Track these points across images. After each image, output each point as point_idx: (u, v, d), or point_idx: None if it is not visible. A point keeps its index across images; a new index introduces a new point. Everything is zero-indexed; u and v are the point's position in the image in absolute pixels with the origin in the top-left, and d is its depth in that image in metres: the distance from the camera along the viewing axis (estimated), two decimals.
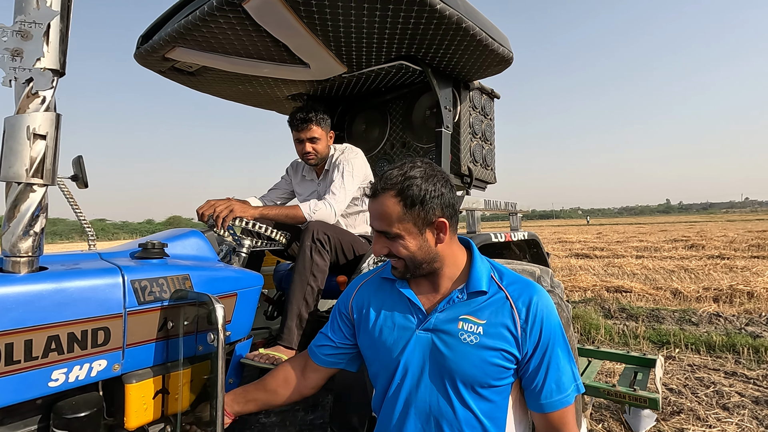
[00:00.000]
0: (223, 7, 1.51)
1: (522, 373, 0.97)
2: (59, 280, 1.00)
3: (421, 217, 0.98)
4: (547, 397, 0.94)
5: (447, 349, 0.96)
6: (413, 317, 1.02)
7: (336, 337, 1.17)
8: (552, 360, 0.95)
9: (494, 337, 0.95)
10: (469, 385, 0.94)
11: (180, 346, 1.17)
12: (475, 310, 0.98)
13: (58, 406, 1.02)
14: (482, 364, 0.94)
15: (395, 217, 0.97)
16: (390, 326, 1.04)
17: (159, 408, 1.17)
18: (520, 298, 0.98)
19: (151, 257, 1.26)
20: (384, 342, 1.04)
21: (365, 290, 1.15)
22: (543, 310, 0.97)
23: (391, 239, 0.98)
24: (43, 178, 0.98)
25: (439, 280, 1.03)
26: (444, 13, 1.61)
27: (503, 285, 1.01)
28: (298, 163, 2.25)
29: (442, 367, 0.96)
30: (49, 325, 0.96)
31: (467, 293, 1.00)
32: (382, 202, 0.98)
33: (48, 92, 0.99)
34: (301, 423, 1.48)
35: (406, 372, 0.99)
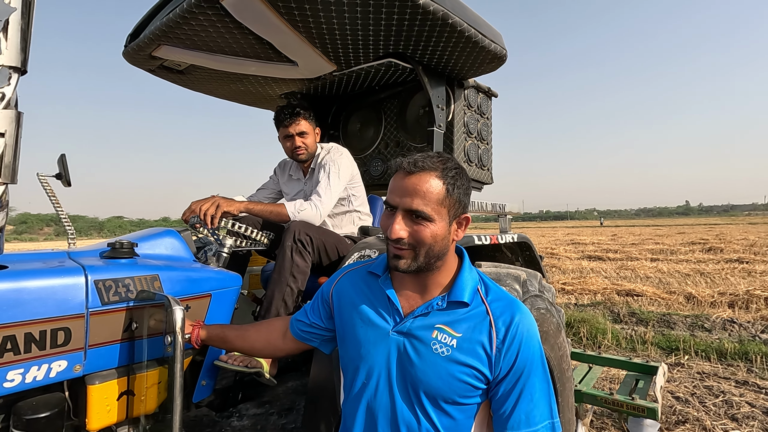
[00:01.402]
0: (201, 4, 1.49)
1: (491, 395, 0.92)
2: (17, 280, 0.99)
3: (455, 207, 0.94)
4: (514, 427, 0.87)
5: (416, 356, 0.92)
6: (390, 318, 0.98)
7: (313, 317, 1.16)
8: (525, 388, 0.89)
9: (467, 353, 0.90)
10: (432, 397, 0.90)
11: (145, 348, 1.15)
12: (452, 321, 0.93)
13: (18, 407, 1.02)
14: (449, 379, 0.89)
15: (436, 197, 0.91)
16: (364, 322, 1.00)
17: (123, 409, 1.15)
18: (502, 317, 0.92)
19: (120, 257, 1.24)
20: (355, 336, 1.00)
21: (349, 279, 1.11)
22: (523, 333, 0.91)
23: (418, 221, 0.91)
24: (2, 177, 0.97)
25: (427, 284, 0.98)
26: (428, 8, 1.57)
27: (487, 300, 0.96)
28: (285, 163, 2.23)
29: (408, 374, 0.92)
30: (4, 325, 0.95)
31: (447, 302, 0.95)
32: (425, 180, 0.91)
33: (7, 89, 0.98)
34: (273, 427, 1.45)
35: (371, 371, 0.96)
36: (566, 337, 1.88)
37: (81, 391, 1.13)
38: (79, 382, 1.12)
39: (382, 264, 1.05)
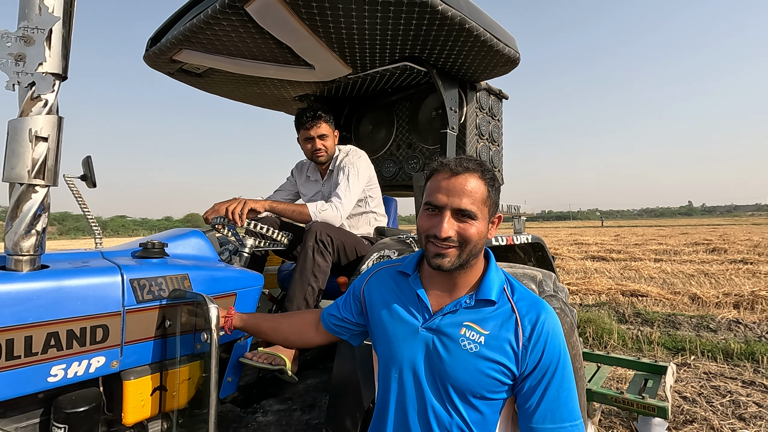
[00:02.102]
0: (225, 10, 1.53)
1: (517, 390, 0.95)
2: (60, 279, 1.03)
3: (493, 206, 1.00)
4: (539, 422, 0.91)
5: (445, 353, 0.95)
6: (419, 315, 1.02)
7: (344, 312, 1.20)
8: (550, 385, 0.92)
9: (494, 350, 0.93)
10: (461, 392, 0.93)
11: (177, 345, 1.19)
12: (480, 319, 0.97)
13: (58, 401, 1.05)
14: (477, 374, 0.92)
15: (481, 197, 0.96)
16: (394, 318, 1.04)
17: (156, 404, 1.19)
18: (528, 315, 0.96)
19: (151, 257, 1.28)
20: (386, 332, 1.04)
21: (380, 277, 1.15)
22: (549, 331, 0.95)
23: (465, 221, 0.95)
24: (45, 179, 1.01)
25: (457, 282, 1.02)
26: (446, 14, 1.60)
27: (513, 299, 0.99)
28: (302, 164, 2.27)
29: (438, 369, 0.96)
30: (48, 322, 0.99)
31: (475, 300, 0.99)
32: (469, 180, 0.96)
33: (50, 95, 1.02)
34: (297, 423, 1.49)
35: (401, 367, 0.99)
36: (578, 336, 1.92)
37: (115, 387, 1.17)
38: (113, 377, 1.16)
39: (412, 263, 1.09)
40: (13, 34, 0.99)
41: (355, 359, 1.34)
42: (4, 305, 0.93)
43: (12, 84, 0.99)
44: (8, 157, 0.98)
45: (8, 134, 0.99)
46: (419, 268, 1.09)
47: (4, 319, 0.93)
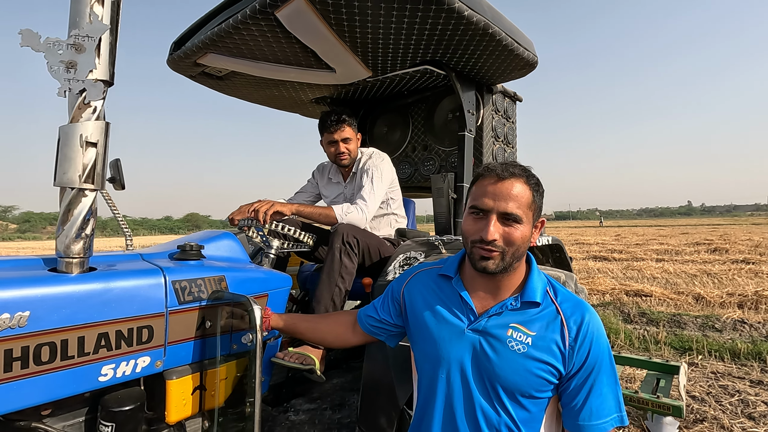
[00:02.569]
0: (256, 16, 1.55)
1: (563, 389, 0.98)
2: (108, 281, 1.06)
3: (537, 211, 1.02)
4: (585, 419, 0.94)
5: (493, 353, 0.98)
6: (464, 317, 1.04)
7: (382, 313, 1.22)
8: (596, 383, 0.95)
9: (542, 350, 0.96)
10: (510, 391, 0.96)
11: (218, 345, 1.22)
12: (526, 321, 0.99)
13: (104, 400, 1.08)
14: (526, 374, 0.95)
15: (525, 201, 0.98)
16: (439, 320, 1.06)
17: (197, 403, 1.22)
18: (573, 317, 0.99)
19: (189, 258, 1.31)
20: (430, 333, 1.06)
21: (420, 280, 1.17)
22: (594, 332, 0.97)
23: (510, 224, 0.97)
24: (94, 184, 1.04)
25: (500, 285, 1.04)
26: (471, 19, 1.63)
27: (557, 301, 1.02)
28: (324, 166, 2.30)
29: (485, 369, 0.98)
30: (99, 323, 1.02)
31: (521, 302, 1.01)
32: (515, 184, 0.98)
33: (99, 102, 1.05)
34: (329, 422, 1.52)
35: (449, 367, 1.02)
36: None
37: (157, 386, 1.19)
38: (154, 377, 1.19)
39: (453, 266, 1.11)
40: (65, 42, 1.01)
41: (387, 360, 1.36)
42: (59, 307, 0.96)
43: (63, 90, 1.02)
44: (60, 161, 1.01)
45: (59, 140, 1.02)
46: (460, 270, 1.11)
47: (60, 320, 0.95)
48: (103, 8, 1.04)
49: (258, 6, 1.51)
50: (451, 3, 1.51)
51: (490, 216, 0.98)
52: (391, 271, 1.60)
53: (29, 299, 0.92)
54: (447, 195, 2.12)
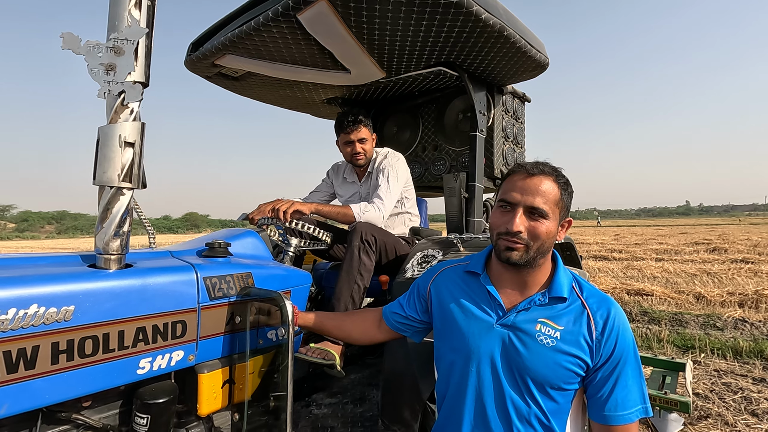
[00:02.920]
0: (278, 18, 1.58)
1: (589, 381, 1.02)
2: (144, 277, 1.09)
3: (564, 208, 1.06)
4: (611, 410, 0.97)
5: (523, 347, 1.01)
6: (492, 312, 1.08)
7: (408, 310, 1.26)
8: (621, 375, 0.99)
9: (570, 344, 1.00)
10: (539, 383, 1.00)
11: (247, 339, 1.25)
12: (554, 316, 1.03)
13: (140, 392, 1.11)
14: (555, 367, 0.99)
15: (553, 198, 1.03)
16: (468, 315, 1.10)
17: (226, 397, 1.25)
18: (599, 311, 1.03)
19: (217, 255, 1.34)
20: (458, 328, 1.10)
21: (446, 276, 1.21)
22: (620, 326, 1.01)
23: (536, 219, 1.01)
24: (132, 182, 1.07)
25: (527, 281, 1.08)
26: (488, 22, 1.66)
27: (583, 297, 1.06)
28: (339, 166, 2.33)
29: (516, 363, 1.02)
30: (137, 318, 1.05)
31: (548, 297, 1.05)
32: (544, 182, 1.03)
33: (136, 103, 1.08)
34: (352, 415, 1.55)
35: (479, 361, 1.05)
36: None
37: (188, 379, 1.23)
38: (185, 371, 1.22)
39: (480, 263, 1.15)
40: (105, 45, 1.04)
41: (408, 355, 1.40)
42: (101, 301, 0.99)
43: (103, 92, 1.05)
44: (100, 161, 1.04)
45: (99, 140, 1.05)
46: (487, 267, 1.15)
47: (102, 314, 0.99)
48: (141, 12, 1.07)
49: (281, 9, 1.54)
50: (470, 6, 1.54)
51: (517, 209, 1.02)
52: (409, 268, 1.63)
53: (74, 294, 0.95)
54: (459, 194, 2.15)
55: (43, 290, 0.91)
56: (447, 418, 1.10)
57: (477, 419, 1.04)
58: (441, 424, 1.13)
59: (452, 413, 1.08)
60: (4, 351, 0.85)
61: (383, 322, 1.29)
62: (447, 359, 1.13)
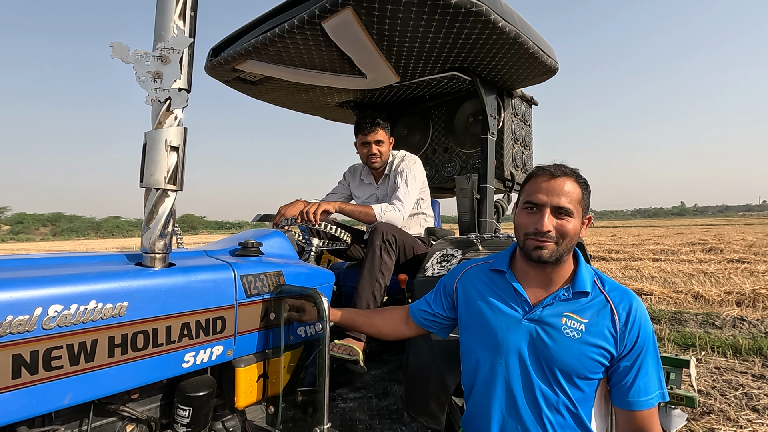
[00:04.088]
0: (303, 25, 1.64)
1: (613, 370, 1.08)
2: (187, 275, 1.14)
3: (585, 207, 1.13)
4: (635, 396, 1.04)
5: (550, 340, 1.07)
6: (519, 307, 1.14)
7: (435, 307, 1.32)
8: (643, 363, 1.05)
9: (595, 335, 1.06)
10: (567, 374, 1.05)
11: (281, 335, 1.30)
12: (578, 309, 1.09)
13: (182, 385, 1.16)
14: (582, 357, 1.05)
15: (576, 197, 1.09)
16: (495, 311, 1.16)
17: (261, 390, 1.30)
18: (621, 304, 1.09)
19: (250, 255, 1.39)
20: (487, 323, 1.15)
21: (472, 274, 1.27)
22: (641, 317, 1.08)
23: (562, 218, 1.07)
24: (176, 185, 1.12)
25: (552, 277, 1.14)
26: (504, 29, 1.72)
27: (605, 290, 1.12)
28: (355, 168, 2.39)
29: (544, 355, 1.07)
30: (182, 314, 1.10)
31: (573, 292, 1.11)
32: (567, 182, 1.09)
33: (180, 109, 1.13)
34: (378, 408, 1.60)
35: (507, 354, 1.11)
36: None
37: (225, 373, 1.28)
38: (223, 365, 1.27)
39: (505, 261, 1.21)
40: (152, 54, 1.09)
41: (432, 350, 1.45)
42: (150, 298, 1.04)
43: (150, 99, 1.10)
44: (147, 164, 1.09)
45: (146, 144, 1.10)
46: (512, 265, 1.21)
47: (152, 310, 1.04)
48: (185, 23, 1.12)
49: (306, 17, 1.59)
50: (488, 14, 1.61)
51: (544, 210, 1.08)
52: (429, 267, 1.69)
53: (127, 291, 1.00)
54: (471, 195, 2.21)
55: (101, 287, 0.96)
56: (477, 410, 1.16)
57: (508, 409, 1.09)
58: (471, 416, 1.18)
59: (482, 404, 1.14)
60: (67, 344, 0.90)
61: (410, 318, 1.35)
62: (474, 353, 1.18)
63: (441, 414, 1.37)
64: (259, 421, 1.35)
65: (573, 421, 1.06)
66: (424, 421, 1.41)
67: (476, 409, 1.16)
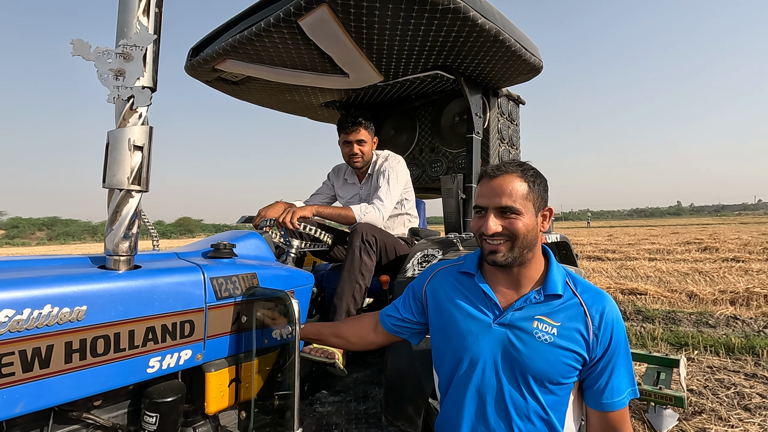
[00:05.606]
0: (279, 24, 1.62)
1: (587, 373, 1.06)
2: (153, 277, 1.11)
3: (538, 200, 1.08)
4: (608, 397, 1.02)
5: (521, 345, 1.04)
6: (488, 312, 1.11)
7: (404, 312, 1.28)
8: (616, 365, 1.03)
9: (567, 339, 1.03)
10: (539, 379, 1.03)
11: (253, 339, 1.27)
12: (550, 312, 1.07)
13: (148, 391, 1.13)
14: (554, 362, 1.02)
15: (521, 194, 1.05)
16: (464, 316, 1.13)
17: (233, 395, 1.27)
18: (594, 306, 1.06)
19: (223, 257, 1.36)
20: (456, 329, 1.12)
21: (441, 277, 1.24)
22: (614, 319, 1.06)
23: (509, 217, 1.05)
24: (140, 185, 1.09)
25: (520, 279, 1.11)
26: (484, 27, 1.70)
27: (578, 292, 1.09)
28: (339, 168, 2.37)
29: (515, 360, 1.05)
30: (147, 317, 1.07)
31: (544, 295, 1.08)
32: (508, 180, 1.06)
33: (145, 108, 1.10)
34: (356, 412, 1.58)
35: (477, 360, 1.08)
36: None
37: (195, 378, 1.25)
38: (192, 370, 1.24)
39: (473, 263, 1.18)
40: (114, 51, 1.07)
41: (411, 353, 1.43)
42: (111, 302, 1.01)
43: (113, 97, 1.07)
44: (110, 164, 1.06)
45: (108, 144, 1.07)
46: (481, 267, 1.18)
47: (113, 314, 1.00)
48: (149, 19, 1.10)
49: (282, 14, 1.57)
50: (467, 11, 1.59)
51: (488, 212, 1.06)
52: (410, 268, 1.66)
53: (86, 294, 0.97)
54: (456, 195, 2.19)
55: (57, 291, 0.93)
56: (449, 414, 1.13)
57: (477, 415, 1.07)
58: (443, 420, 1.15)
59: (453, 409, 1.11)
60: (19, 350, 0.87)
61: (380, 325, 1.31)
62: (446, 359, 1.16)
63: (418, 417, 1.35)
64: (232, 426, 1.31)
65: (544, 427, 1.03)
66: (401, 425, 1.39)
67: (448, 414, 1.13)
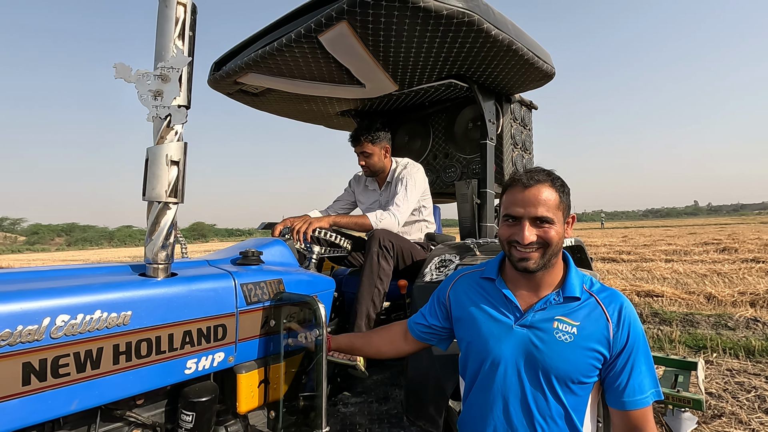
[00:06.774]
0: (300, 39, 1.69)
1: (607, 372, 1.09)
2: (189, 284, 1.18)
3: (566, 209, 1.13)
4: (629, 395, 1.05)
5: (542, 345, 1.08)
6: (510, 314, 1.15)
7: (431, 319, 1.33)
8: (636, 363, 1.06)
9: (588, 339, 1.07)
10: (561, 379, 1.07)
11: (281, 341, 1.34)
12: (569, 313, 1.11)
13: (185, 391, 1.20)
14: (575, 361, 1.06)
15: (554, 203, 1.09)
16: (486, 318, 1.17)
17: (262, 395, 1.34)
18: (611, 306, 1.10)
19: (251, 263, 1.43)
20: (479, 332, 1.17)
21: (463, 283, 1.29)
22: (631, 317, 1.09)
23: (543, 226, 1.08)
24: (177, 197, 1.17)
25: (541, 283, 1.15)
26: (498, 37, 1.75)
27: (595, 293, 1.13)
28: (360, 175, 2.45)
29: (537, 360, 1.08)
30: (184, 322, 1.14)
31: (563, 297, 1.13)
32: (542, 190, 1.09)
33: (180, 125, 1.18)
34: (378, 413, 1.63)
35: (499, 362, 1.12)
36: None
37: (227, 379, 1.32)
38: (225, 372, 1.31)
39: (494, 269, 1.23)
40: (152, 73, 1.15)
41: (431, 356, 1.48)
42: (153, 307, 1.08)
43: (151, 116, 1.15)
44: (149, 179, 1.14)
45: (148, 159, 1.15)
46: (501, 271, 1.23)
47: (155, 318, 1.08)
48: (184, 43, 1.17)
49: (303, 30, 1.64)
50: (481, 24, 1.64)
51: (523, 222, 1.09)
52: (428, 272, 1.71)
53: (131, 300, 1.04)
54: (471, 200, 2.24)
55: (106, 297, 1.01)
56: (471, 416, 1.17)
57: (500, 417, 1.11)
58: (466, 420, 1.20)
59: (476, 411, 1.16)
60: (74, 352, 0.94)
61: (409, 333, 1.36)
62: (469, 361, 1.20)
63: (439, 418, 1.39)
64: (261, 425, 1.38)
65: (566, 427, 1.07)
66: (422, 424, 1.43)
67: (471, 414, 1.18)
